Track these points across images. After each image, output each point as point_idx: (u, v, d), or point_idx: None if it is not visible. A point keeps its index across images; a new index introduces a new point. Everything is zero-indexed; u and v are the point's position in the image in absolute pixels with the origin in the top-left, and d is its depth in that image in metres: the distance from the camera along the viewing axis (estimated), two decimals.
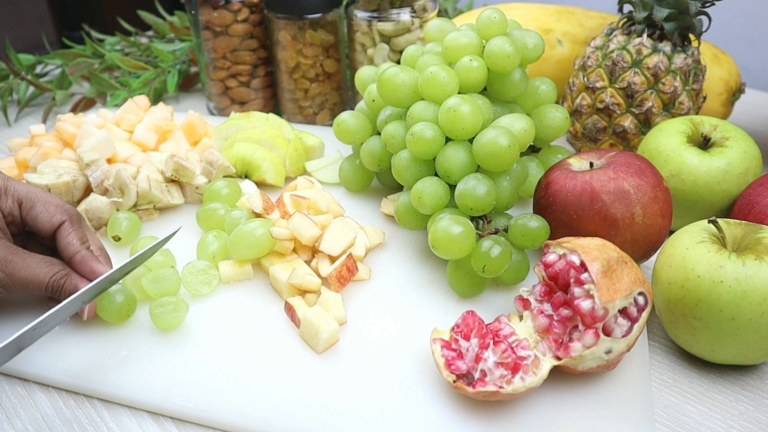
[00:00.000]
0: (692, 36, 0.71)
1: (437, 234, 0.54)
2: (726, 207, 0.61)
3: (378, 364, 0.51)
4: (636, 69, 0.69)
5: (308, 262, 0.60)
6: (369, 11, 0.78)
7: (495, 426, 0.46)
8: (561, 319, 0.48)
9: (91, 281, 0.52)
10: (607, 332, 0.46)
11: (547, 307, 0.49)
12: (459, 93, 0.59)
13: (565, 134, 0.77)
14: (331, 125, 0.84)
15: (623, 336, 0.47)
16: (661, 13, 0.68)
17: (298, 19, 0.79)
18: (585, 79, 0.73)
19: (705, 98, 0.74)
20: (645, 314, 0.47)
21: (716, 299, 0.47)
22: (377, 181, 0.73)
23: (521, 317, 0.50)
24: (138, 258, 0.53)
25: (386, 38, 0.79)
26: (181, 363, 0.51)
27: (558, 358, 0.47)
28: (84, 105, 0.94)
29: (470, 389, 0.45)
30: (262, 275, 0.60)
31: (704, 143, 0.64)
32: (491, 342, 0.48)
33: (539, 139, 0.66)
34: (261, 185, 0.73)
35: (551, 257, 0.50)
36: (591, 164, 0.58)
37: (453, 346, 0.48)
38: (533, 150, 0.70)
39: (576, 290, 0.47)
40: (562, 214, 0.56)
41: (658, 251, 0.56)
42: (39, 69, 1.06)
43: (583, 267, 0.47)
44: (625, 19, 0.73)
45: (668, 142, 0.63)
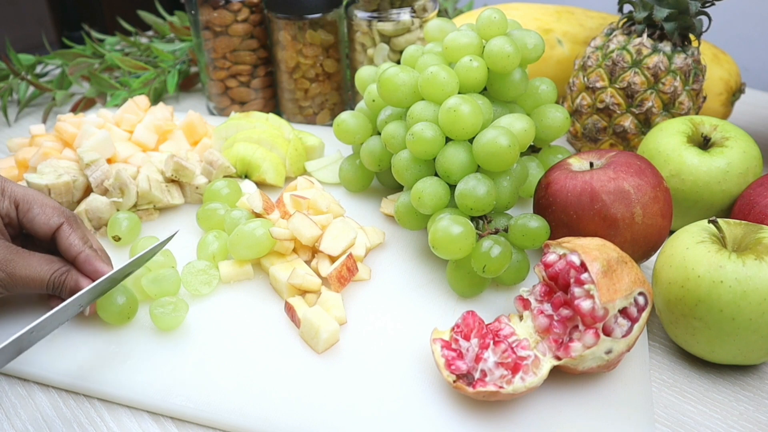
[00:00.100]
0: (692, 36, 0.71)
1: (437, 234, 0.54)
2: (726, 207, 0.61)
3: (378, 364, 0.51)
4: (636, 69, 0.69)
5: (308, 262, 0.60)
6: (369, 11, 0.78)
7: (495, 426, 0.46)
8: (561, 319, 0.48)
9: (95, 281, 0.52)
10: (607, 332, 0.46)
11: (547, 307, 0.49)
12: (459, 93, 0.59)
13: (565, 134, 0.77)
14: (331, 125, 0.84)
15: (623, 336, 0.47)
16: (661, 13, 0.68)
17: (298, 19, 0.79)
18: (585, 79, 0.73)
19: (705, 98, 0.74)
20: (645, 314, 0.47)
21: (716, 299, 0.47)
22: (377, 181, 0.73)
23: (521, 317, 0.50)
24: (135, 261, 0.53)
25: (386, 38, 0.79)
26: (181, 363, 0.51)
27: (558, 358, 0.47)
28: (84, 105, 0.94)
29: (470, 389, 0.45)
30: (262, 275, 0.60)
31: (704, 143, 0.64)
32: (491, 342, 0.48)
33: (539, 139, 0.66)
34: (261, 185, 0.73)
35: (551, 257, 0.50)
36: (591, 164, 0.58)
37: (453, 346, 0.48)
38: (533, 150, 0.70)
39: (576, 290, 0.47)
40: (562, 214, 0.56)
41: (658, 251, 0.56)
42: (39, 69, 1.06)
43: (583, 267, 0.47)
44: (625, 19, 0.73)
45: (668, 142, 0.63)
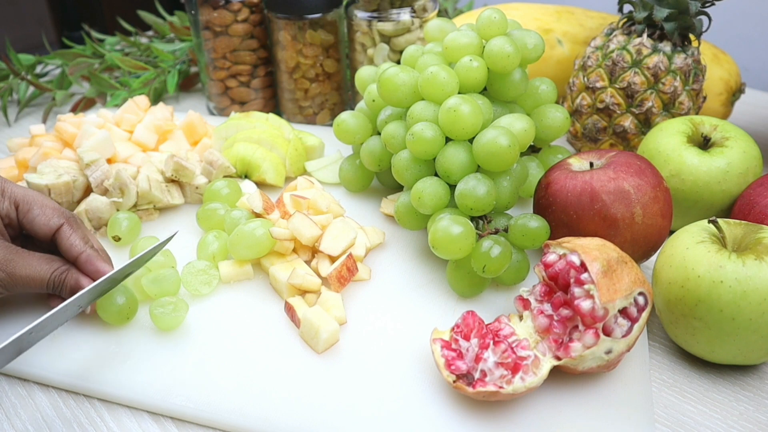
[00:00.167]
0: (692, 36, 0.71)
1: (437, 234, 0.54)
2: (726, 207, 0.61)
3: (378, 364, 0.51)
4: (636, 69, 0.69)
5: (308, 262, 0.60)
6: (369, 11, 0.78)
7: (495, 426, 0.46)
8: (561, 319, 0.48)
9: (96, 280, 0.52)
10: (607, 332, 0.46)
11: (547, 307, 0.49)
12: (459, 93, 0.59)
13: (565, 134, 0.77)
14: (331, 125, 0.84)
15: (623, 336, 0.47)
16: (661, 13, 0.68)
17: (298, 19, 0.79)
18: (585, 79, 0.73)
19: (705, 98, 0.74)
20: (645, 314, 0.47)
21: (716, 299, 0.47)
22: (377, 181, 0.73)
23: (521, 317, 0.50)
24: (135, 261, 0.53)
25: (386, 38, 0.79)
26: (181, 363, 0.51)
27: (558, 358, 0.47)
28: (84, 105, 0.94)
29: (470, 389, 0.45)
30: (262, 275, 0.60)
31: (704, 143, 0.64)
32: (491, 342, 0.48)
33: (539, 139, 0.66)
34: (261, 185, 0.73)
35: (551, 257, 0.50)
36: (591, 164, 0.58)
37: (453, 346, 0.48)
38: (533, 150, 0.70)
39: (576, 290, 0.47)
40: (562, 214, 0.56)
41: (658, 251, 0.56)
42: (39, 69, 1.06)
43: (583, 267, 0.47)
44: (625, 19, 0.73)
45: (668, 142, 0.63)
